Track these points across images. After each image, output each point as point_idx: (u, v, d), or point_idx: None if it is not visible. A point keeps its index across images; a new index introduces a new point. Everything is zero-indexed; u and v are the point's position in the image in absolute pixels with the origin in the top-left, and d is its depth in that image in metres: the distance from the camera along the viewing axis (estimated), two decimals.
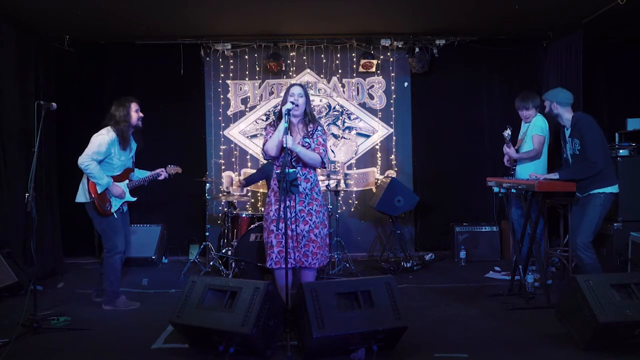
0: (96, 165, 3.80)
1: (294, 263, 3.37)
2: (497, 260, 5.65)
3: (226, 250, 5.01)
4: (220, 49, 5.96)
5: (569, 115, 3.87)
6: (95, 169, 3.78)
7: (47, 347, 3.14)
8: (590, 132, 3.72)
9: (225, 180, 6.20)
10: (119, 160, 3.95)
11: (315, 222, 3.38)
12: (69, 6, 4.71)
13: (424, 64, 5.97)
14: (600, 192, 3.72)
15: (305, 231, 3.37)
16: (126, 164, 4.06)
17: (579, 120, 3.81)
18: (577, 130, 3.79)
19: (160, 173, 4.19)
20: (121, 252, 3.97)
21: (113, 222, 3.96)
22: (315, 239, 3.37)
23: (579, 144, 3.77)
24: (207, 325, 2.86)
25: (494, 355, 2.99)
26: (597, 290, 2.91)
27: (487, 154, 6.07)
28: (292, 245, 3.34)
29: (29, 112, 4.95)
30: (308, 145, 3.38)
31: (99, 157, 3.81)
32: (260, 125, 6.22)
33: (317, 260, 3.38)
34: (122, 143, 3.90)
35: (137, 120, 4.02)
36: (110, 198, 3.94)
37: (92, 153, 3.80)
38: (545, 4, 4.86)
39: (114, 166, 3.94)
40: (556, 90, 3.99)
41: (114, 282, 3.96)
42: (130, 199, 4.10)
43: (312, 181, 3.42)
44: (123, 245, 3.99)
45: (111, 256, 3.95)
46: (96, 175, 3.80)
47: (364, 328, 2.81)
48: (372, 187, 6.25)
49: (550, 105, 3.90)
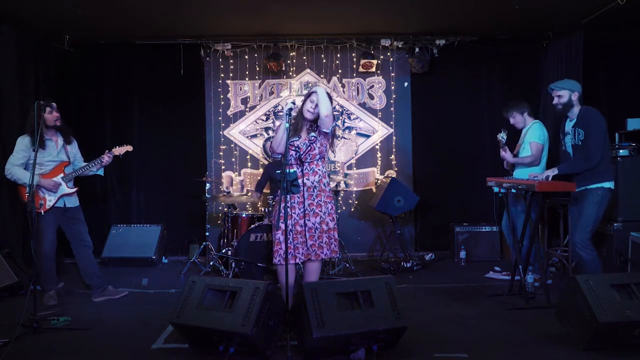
0: (18, 169, 3.98)
1: (302, 258, 3.41)
2: (497, 260, 5.65)
3: (226, 250, 5.01)
4: (220, 49, 5.96)
5: (578, 108, 3.84)
6: (17, 172, 3.98)
7: (47, 347, 3.14)
8: (598, 124, 3.70)
9: (225, 180, 6.20)
10: (43, 159, 4.04)
11: (325, 213, 3.42)
12: (69, 6, 4.71)
13: (424, 64, 5.97)
14: (597, 188, 3.72)
15: (317, 223, 3.40)
16: (57, 160, 4.14)
17: (589, 111, 3.78)
18: (585, 121, 3.75)
19: (102, 158, 4.18)
20: (46, 254, 4.06)
21: (42, 222, 4.03)
22: (328, 230, 3.42)
23: (582, 134, 3.74)
24: (207, 325, 2.86)
25: (494, 355, 2.99)
26: (597, 290, 2.91)
27: (487, 153, 6.06)
28: (301, 241, 3.39)
29: (29, 112, 4.94)
30: (314, 139, 3.42)
31: (18, 161, 4.00)
32: (260, 125, 6.22)
33: (330, 250, 3.42)
34: (38, 144, 3.94)
35: (54, 121, 4.10)
36: (43, 195, 4.04)
37: (12, 161, 4.02)
38: (545, 4, 4.86)
39: (40, 165, 4.04)
40: (570, 81, 3.93)
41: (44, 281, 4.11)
42: (67, 191, 4.15)
43: (319, 174, 3.46)
44: (48, 248, 4.08)
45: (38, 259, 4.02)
46: (21, 177, 3.98)
47: (364, 328, 2.81)
48: (372, 187, 6.25)
49: (570, 95, 3.81)
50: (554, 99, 3.90)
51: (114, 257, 5.57)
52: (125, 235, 5.77)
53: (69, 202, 4.19)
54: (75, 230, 4.24)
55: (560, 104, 3.87)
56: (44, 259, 4.07)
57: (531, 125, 4.62)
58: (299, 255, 3.39)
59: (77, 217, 4.26)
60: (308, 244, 3.39)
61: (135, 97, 6.19)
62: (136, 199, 6.22)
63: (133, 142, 6.04)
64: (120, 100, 6.15)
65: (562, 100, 3.85)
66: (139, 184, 6.20)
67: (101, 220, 5.96)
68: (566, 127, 3.95)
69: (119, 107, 6.15)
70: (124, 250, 5.64)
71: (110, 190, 6.14)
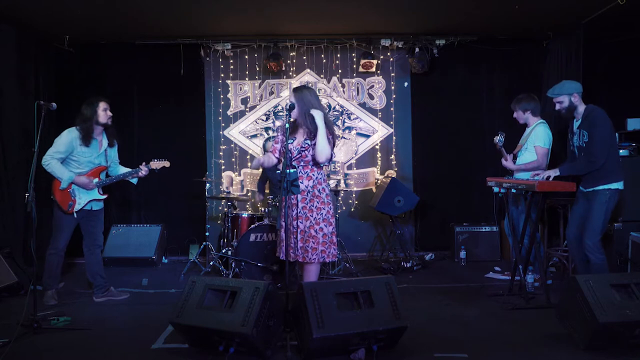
0: (57, 162, 3.95)
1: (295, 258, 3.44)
2: (497, 260, 5.65)
3: (226, 250, 5.01)
4: (220, 49, 5.96)
5: (582, 107, 3.80)
6: (55, 166, 3.94)
7: (47, 347, 3.14)
8: (601, 126, 3.66)
9: (225, 180, 6.20)
10: (83, 158, 4.03)
11: (316, 218, 3.39)
12: (69, 6, 4.71)
13: (424, 64, 5.96)
14: (605, 189, 3.68)
15: (306, 227, 3.40)
16: (95, 162, 4.12)
17: (592, 112, 3.73)
18: (589, 122, 3.71)
19: (140, 169, 4.20)
20: (58, 251, 4.07)
21: (65, 221, 4.05)
22: (316, 235, 3.38)
23: (586, 135, 3.71)
24: (207, 325, 2.86)
25: (494, 355, 2.99)
26: (597, 290, 2.91)
27: (487, 153, 6.06)
28: (294, 241, 3.41)
29: (29, 112, 4.95)
30: (308, 146, 3.40)
31: (59, 155, 3.96)
32: (260, 125, 6.22)
33: (317, 255, 3.39)
34: (85, 140, 3.98)
35: (107, 119, 4.10)
36: (74, 197, 4.03)
37: (53, 152, 3.96)
38: (545, 4, 4.86)
39: (79, 163, 4.04)
40: (567, 83, 3.87)
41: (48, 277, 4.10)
42: (98, 197, 4.15)
43: (314, 179, 3.43)
44: (63, 246, 4.08)
45: (49, 253, 4.08)
46: (57, 172, 3.96)
47: (364, 328, 2.81)
48: (372, 187, 6.25)
49: (570, 98, 3.78)
50: (556, 106, 3.88)
51: (114, 257, 5.57)
52: (125, 235, 5.78)
53: (96, 206, 4.19)
54: (92, 228, 4.21)
55: (563, 109, 3.85)
56: (55, 255, 4.06)
57: (535, 127, 4.51)
58: (292, 255, 3.41)
59: (98, 217, 4.24)
60: (298, 246, 3.40)
61: (135, 97, 6.19)
62: (136, 199, 6.22)
63: (133, 142, 6.13)
64: (120, 100, 6.13)
65: (564, 105, 3.83)
66: (139, 183, 6.16)
67: None
68: (574, 127, 3.91)
69: (119, 107, 6.09)
70: (124, 250, 5.65)
71: (110, 190, 6.13)
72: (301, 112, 3.40)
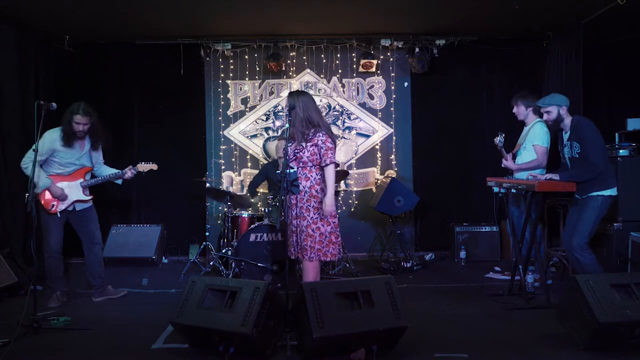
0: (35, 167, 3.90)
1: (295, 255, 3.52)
2: (497, 260, 5.65)
3: (226, 250, 5.01)
4: (220, 49, 5.96)
5: (569, 120, 3.87)
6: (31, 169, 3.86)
7: (47, 347, 3.14)
8: (591, 134, 3.72)
9: (225, 180, 6.20)
10: (64, 159, 4.01)
11: (313, 218, 3.43)
12: (69, 6, 4.71)
13: (424, 64, 5.96)
14: (598, 195, 3.73)
15: (304, 226, 3.44)
16: (76, 163, 4.09)
17: (579, 123, 3.80)
18: (578, 133, 3.77)
19: (126, 171, 4.17)
20: (52, 253, 4.04)
21: (50, 221, 4.02)
22: (313, 234, 3.42)
23: (578, 147, 3.76)
24: (207, 325, 2.86)
25: (494, 355, 2.99)
26: (597, 290, 2.91)
27: (487, 153, 6.05)
28: (294, 239, 3.49)
29: (29, 112, 4.95)
30: (302, 147, 3.43)
31: (39, 157, 3.86)
32: (260, 125, 6.22)
33: (315, 254, 3.43)
34: (65, 140, 3.94)
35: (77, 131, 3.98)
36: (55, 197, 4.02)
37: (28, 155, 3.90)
38: (545, 4, 4.86)
39: (60, 164, 4.01)
40: (557, 96, 3.93)
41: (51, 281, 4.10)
42: (82, 197, 4.12)
43: (312, 180, 3.46)
44: (55, 246, 4.05)
45: (45, 257, 4.05)
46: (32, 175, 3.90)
47: (364, 328, 2.81)
48: (372, 187, 6.25)
49: (558, 110, 3.84)
50: (544, 115, 3.94)
51: (114, 257, 5.57)
52: (125, 235, 5.77)
53: (79, 207, 4.16)
54: (84, 227, 4.20)
55: (550, 120, 3.92)
56: (51, 257, 4.05)
57: (533, 125, 4.53)
58: (293, 252, 3.51)
59: (87, 216, 4.21)
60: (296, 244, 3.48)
61: (135, 97, 6.19)
62: (136, 199, 6.22)
63: (133, 142, 6.14)
64: (120, 100, 6.16)
65: (552, 116, 3.89)
66: (139, 184, 6.18)
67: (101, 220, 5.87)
68: (564, 139, 3.96)
69: (118, 107, 6.15)
70: (124, 250, 5.64)
71: (110, 190, 6.13)
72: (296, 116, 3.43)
